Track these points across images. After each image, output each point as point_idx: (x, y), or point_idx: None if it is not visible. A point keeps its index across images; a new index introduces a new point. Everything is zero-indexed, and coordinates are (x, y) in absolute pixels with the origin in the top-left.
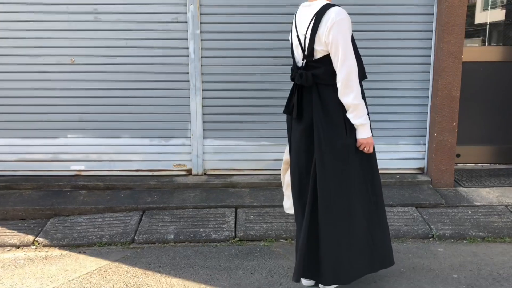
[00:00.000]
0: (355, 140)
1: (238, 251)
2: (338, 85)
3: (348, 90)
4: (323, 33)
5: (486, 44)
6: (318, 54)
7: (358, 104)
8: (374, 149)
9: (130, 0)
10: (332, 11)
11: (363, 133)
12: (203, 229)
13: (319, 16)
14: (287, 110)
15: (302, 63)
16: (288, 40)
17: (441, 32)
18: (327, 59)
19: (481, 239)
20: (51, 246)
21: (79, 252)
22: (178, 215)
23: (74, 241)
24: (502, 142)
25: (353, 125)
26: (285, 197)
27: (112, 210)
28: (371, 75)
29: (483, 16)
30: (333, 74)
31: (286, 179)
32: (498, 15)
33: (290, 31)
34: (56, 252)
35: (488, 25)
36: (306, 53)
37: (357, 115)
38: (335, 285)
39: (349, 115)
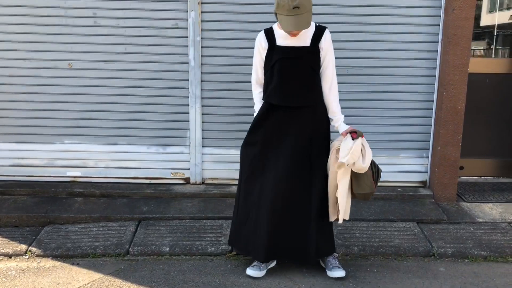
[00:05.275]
0: None
1: (235, 266)
2: None
3: None
4: None
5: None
6: None
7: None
8: None
9: (130, 5)
10: None
11: None
12: (199, 242)
13: None
14: None
15: None
16: None
17: (447, 44)
18: None
19: (483, 258)
20: (44, 256)
21: (72, 264)
22: (175, 226)
23: (67, 252)
24: (506, 155)
25: None
26: None
27: (107, 219)
28: (375, 86)
29: (488, 18)
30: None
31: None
32: (505, 17)
33: None
34: (49, 263)
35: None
36: None
37: None
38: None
39: None
